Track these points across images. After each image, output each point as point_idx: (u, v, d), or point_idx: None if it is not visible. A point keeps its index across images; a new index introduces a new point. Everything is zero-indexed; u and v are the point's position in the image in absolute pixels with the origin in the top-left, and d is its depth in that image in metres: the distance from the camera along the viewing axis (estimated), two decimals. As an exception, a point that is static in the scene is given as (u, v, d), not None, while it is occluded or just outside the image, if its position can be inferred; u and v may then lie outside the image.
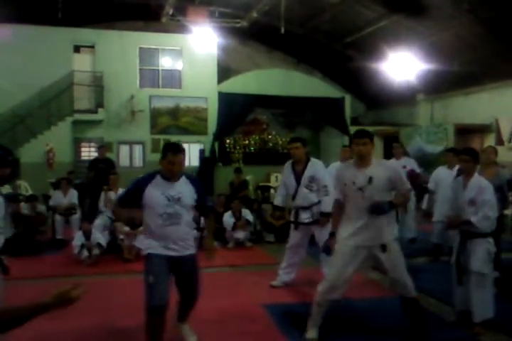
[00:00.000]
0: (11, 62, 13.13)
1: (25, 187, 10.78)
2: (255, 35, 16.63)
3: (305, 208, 5.15)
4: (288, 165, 5.29)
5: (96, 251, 6.47)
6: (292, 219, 5.31)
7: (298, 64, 17.96)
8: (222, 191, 10.19)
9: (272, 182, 13.27)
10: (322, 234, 4.85)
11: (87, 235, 6.54)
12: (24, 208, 7.75)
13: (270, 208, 8.00)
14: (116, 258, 6.61)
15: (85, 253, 6.37)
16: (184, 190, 3.52)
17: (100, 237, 6.60)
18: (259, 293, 5.17)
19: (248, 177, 11.63)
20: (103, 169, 8.39)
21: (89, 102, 14.29)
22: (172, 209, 3.45)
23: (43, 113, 13.25)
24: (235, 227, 7.37)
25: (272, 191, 10.86)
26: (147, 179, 3.55)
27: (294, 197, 5.23)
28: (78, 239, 6.44)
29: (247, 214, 7.55)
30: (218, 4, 14.58)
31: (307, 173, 5.09)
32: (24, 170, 11.83)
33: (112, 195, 7.23)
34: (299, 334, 3.90)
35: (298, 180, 5.14)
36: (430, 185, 6.52)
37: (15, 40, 13.24)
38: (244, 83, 15.03)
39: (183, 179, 3.56)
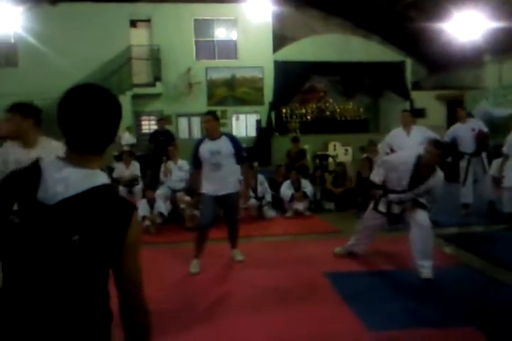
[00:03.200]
0: (71, 39, 13.45)
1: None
2: (310, 0, 16.15)
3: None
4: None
5: (158, 220, 6.64)
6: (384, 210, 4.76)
7: (355, 28, 17.35)
8: (279, 161, 10.14)
9: (330, 151, 13.07)
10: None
11: (151, 204, 6.72)
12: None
13: (330, 176, 7.90)
14: (178, 227, 6.76)
15: (148, 222, 6.55)
16: (222, 145, 4.77)
17: (162, 206, 6.77)
18: (319, 261, 5.14)
19: (305, 147, 11.49)
20: (163, 141, 8.54)
21: (147, 76, 14.50)
22: (214, 159, 4.72)
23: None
24: (292, 199, 7.32)
25: (330, 160, 10.69)
26: (199, 141, 5.01)
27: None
28: (141, 208, 6.62)
29: (307, 185, 7.47)
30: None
31: None
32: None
33: (172, 166, 7.36)
34: (362, 303, 3.86)
35: None
36: (505, 149, 6.18)
37: (73, 18, 13.51)
38: (301, 50, 14.73)
39: (223, 137, 4.84)
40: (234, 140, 4.93)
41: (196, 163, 4.92)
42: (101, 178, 1.38)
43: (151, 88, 14.22)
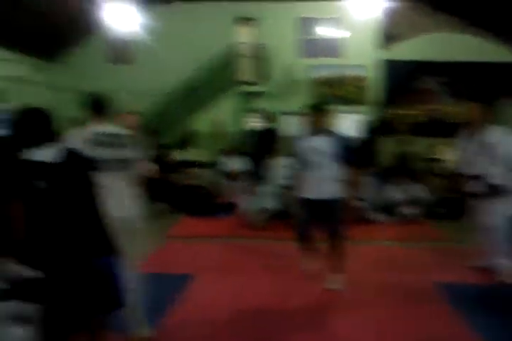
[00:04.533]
0: (181, 36, 13.94)
1: (197, 154, 11.50)
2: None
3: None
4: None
5: (264, 216, 6.70)
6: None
7: (469, 26, 16.38)
8: (384, 163, 9.86)
9: (439, 155, 12.45)
10: None
11: (255, 199, 6.80)
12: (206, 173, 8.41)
13: (442, 181, 7.52)
14: (284, 223, 6.77)
15: (254, 217, 6.62)
16: (326, 142, 4.27)
17: (268, 202, 6.81)
18: (431, 269, 4.90)
19: (414, 149, 11.07)
20: (268, 138, 8.62)
21: (251, 74, 14.68)
22: (314, 158, 4.28)
23: (210, 85, 13.97)
24: (401, 203, 7.06)
25: (440, 163, 10.20)
26: (302, 136, 4.48)
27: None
28: (247, 203, 6.71)
29: (416, 189, 7.18)
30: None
31: None
32: (197, 138, 12.68)
33: (277, 162, 7.40)
34: (478, 315, 3.61)
35: None
36: None
37: (184, 16, 14.02)
38: (409, 49, 14.20)
39: (328, 135, 4.33)
40: (341, 138, 4.36)
41: (297, 160, 4.51)
42: None
43: (255, 86, 14.39)
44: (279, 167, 7.39)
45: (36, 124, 2.65)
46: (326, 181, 4.30)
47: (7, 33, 10.85)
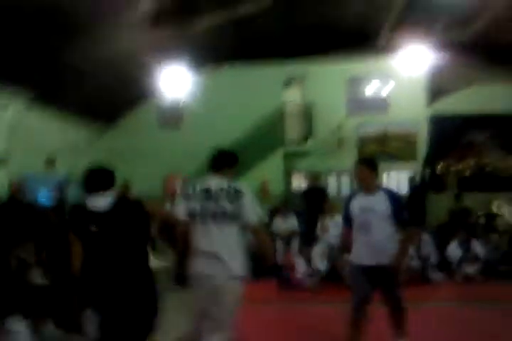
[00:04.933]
0: (229, 99, 14.37)
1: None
2: (467, 49, 15.50)
3: None
4: None
5: (316, 278, 6.49)
6: None
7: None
8: (435, 220, 9.53)
9: (497, 209, 11.96)
10: None
11: (308, 261, 6.63)
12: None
13: (503, 237, 7.16)
14: (336, 285, 6.51)
15: (306, 279, 6.43)
16: (377, 201, 3.93)
17: (320, 263, 6.63)
18: (503, 336, 4.52)
19: (467, 204, 10.67)
20: (316, 197, 8.56)
21: (298, 133, 14.85)
22: (364, 218, 3.92)
23: (256, 146, 14.17)
24: (462, 261, 6.71)
25: (498, 219, 9.78)
26: (351, 195, 4.26)
27: None
28: (299, 264, 6.55)
29: (476, 245, 6.84)
30: (429, 22, 13.97)
31: None
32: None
33: (329, 222, 7.26)
34: None
35: None
36: None
37: (232, 79, 14.51)
38: (458, 103, 14.11)
39: (381, 192, 4.00)
40: (394, 196, 4.02)
41: (347, 221, 4.15)
42: None
43: (301, 145, 14.51)
44: (330, 227, 7.25)
45: (100, 178, 3.30)
46: (380, 244, 3.91)
47: (69, 101, 11.48)
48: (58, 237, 6.08)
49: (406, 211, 4.05)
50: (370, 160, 4.35)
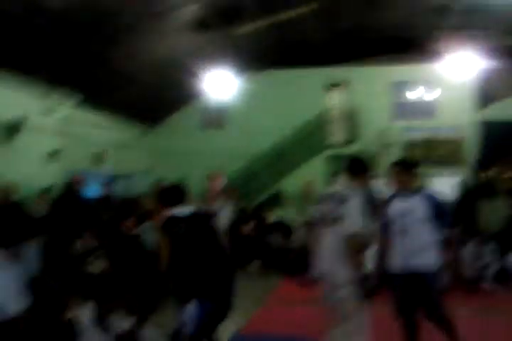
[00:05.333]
0: (272, 102, 14.39)
1: (287, 216, 11.38)
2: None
3: None
4: None
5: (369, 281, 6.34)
6: None
7: None
8: (486, 228, 9.15)
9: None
10: None
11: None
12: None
13: None
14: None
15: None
16: (416, 204, 3.75)
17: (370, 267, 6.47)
18: None
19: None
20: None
21: (342, 136, 14.68)
22: (402, 222, 3.75)
23: (301, 148, 14.08)
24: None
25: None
26: (391, 197, 4.02)
27: None
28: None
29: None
30: (476, 26, 13.66)
31: None
32: (287, 200, 12.62)
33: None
34: None
35: None
36: None
37: (275, 83, 14.52)
38: (506, 109, 13.71)
39: (420, 194, 3.82)
40: (433, 198, 3.81)
41: (385, 225, 3.92)
42: None
43: (345, 149, 14.33)
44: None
45: (175, 194, 4.06)
46: (415, 250, 3.70)
47: (116, 102, 11.70)
48: (111, 228, 6.22)
49: (445, 213, 3.83)
50: (407, 161, 4.16)
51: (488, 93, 15.30)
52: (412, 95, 14.99)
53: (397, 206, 3.84)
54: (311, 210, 3.70)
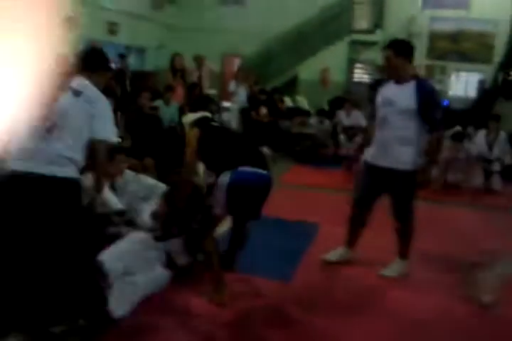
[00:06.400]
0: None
1: (302, 102, 11.27)
2: None
3: None
4: None
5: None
6: None
7: None
8: (504, 128, 9.10)
9: None
10: None
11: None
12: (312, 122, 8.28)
13: None
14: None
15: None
16: (403, 93, 3.28)
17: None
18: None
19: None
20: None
21: (367, 22, 13.92)
22: (384, 112, 3.34)
23: (323, 32, 13.44)
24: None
25: None
26: (382, 83, 3.55)
27: None
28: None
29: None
30: None
31: None
32: (302, 86, 12.40)
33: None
34: None
35: None
36: None
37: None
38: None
39: (412, 83, 3.29)
40: (424, 88, 3.30)
41: (372, 111, 3.58)
42: None
43: (369, 35, 13.67)
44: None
45: None
46: (391, 144, 3.32)
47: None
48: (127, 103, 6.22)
49: (438, 109, 3.34)
50: (401, 42, 3.45)
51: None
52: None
53: (384, 94, 3.40)
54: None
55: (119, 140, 3.37)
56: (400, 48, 3.34)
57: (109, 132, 2.56)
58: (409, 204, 3.47)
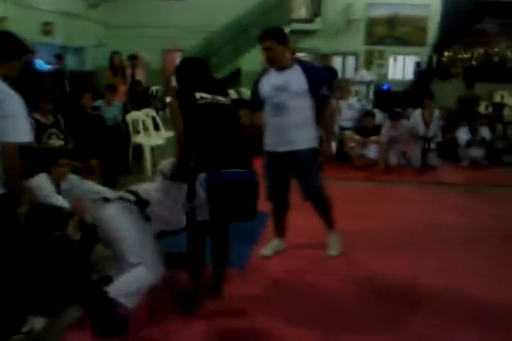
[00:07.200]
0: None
1: (246, 94, 11.32)
2: None
3: None
4: None
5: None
6: None
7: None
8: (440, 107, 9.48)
9: (497, 100, 11.91)
10: None
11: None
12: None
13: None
14: (345, 165, 6.67)
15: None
16: (292, 77, 3.32)
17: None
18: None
19: (473, 93, 10.55)
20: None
21: (306, 12, 14.11)
22: (277, 99, 3.33)
23: (263, 23, 13.49)
24: (469, 144, 6.84)
25: (505, 109, 9.74)
26: (262, 72, 3.52)
27: None
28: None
29: (485, 131, 6.92)
30: None
31: None
32: (245, 78, 12.45)
33: (342, 104, 7.19)
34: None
35: None
36: None
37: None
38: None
39: (295, 67, 3.35)
40: (310, 69, 3.40)
41: (255, 102, 3.54)
42: None
43: (309, 24, 13.86)
44: (345, 108, 7.21)
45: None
46: (290, 128, 3.37)
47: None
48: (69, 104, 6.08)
49: (325, 86, 3.45)
50: (278, 31, 3.51)
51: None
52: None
53: (271, 80, 3.39)
54: None
55: (32, 141, 2.94)
56: (280, 37, 3.38)
57: (19, 133, 2.19)
58: (317, 181, 3.50)
